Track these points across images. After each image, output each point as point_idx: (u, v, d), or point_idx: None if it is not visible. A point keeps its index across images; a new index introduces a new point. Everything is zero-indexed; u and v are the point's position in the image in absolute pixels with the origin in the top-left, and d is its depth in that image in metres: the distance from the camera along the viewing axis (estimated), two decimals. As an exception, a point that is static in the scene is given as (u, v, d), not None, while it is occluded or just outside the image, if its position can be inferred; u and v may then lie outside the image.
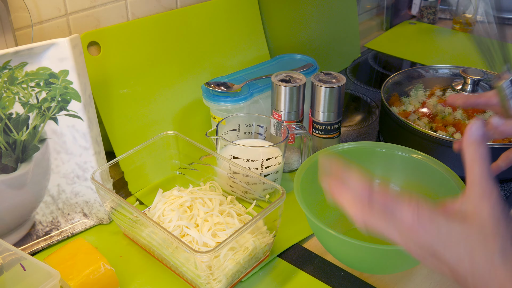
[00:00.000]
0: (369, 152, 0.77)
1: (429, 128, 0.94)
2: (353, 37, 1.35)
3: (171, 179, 0.86)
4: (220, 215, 0.71)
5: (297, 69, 0.95)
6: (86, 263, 0.64)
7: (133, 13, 0.90)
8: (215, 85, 0.88)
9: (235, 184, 0.79)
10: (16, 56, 0.65)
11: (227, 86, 0.89)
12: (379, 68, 1.35)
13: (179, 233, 0.69)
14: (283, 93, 0.84)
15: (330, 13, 1.25)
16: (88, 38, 0.81)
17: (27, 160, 0.70)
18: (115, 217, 0.75)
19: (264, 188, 0.77)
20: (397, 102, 1.02)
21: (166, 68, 0.92)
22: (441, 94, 1.01)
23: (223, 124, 0.84)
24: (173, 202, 0.73)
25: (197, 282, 0.66)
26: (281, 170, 0.83)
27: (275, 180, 0.83)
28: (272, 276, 0.70)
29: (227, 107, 0.87)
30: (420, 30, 1.54)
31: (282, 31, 1.12)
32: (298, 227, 0.78)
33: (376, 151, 0.77)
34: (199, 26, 0.96)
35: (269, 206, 0.66)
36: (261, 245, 0.68)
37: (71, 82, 0.69)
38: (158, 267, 0.72)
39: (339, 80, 0.85)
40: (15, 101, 0.68)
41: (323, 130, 0.88)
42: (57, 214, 0.76)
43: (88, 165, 0.74)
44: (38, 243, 0.74)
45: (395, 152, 0.76)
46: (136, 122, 0.87)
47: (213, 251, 0.60)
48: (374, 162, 0.78)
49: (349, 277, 0.70)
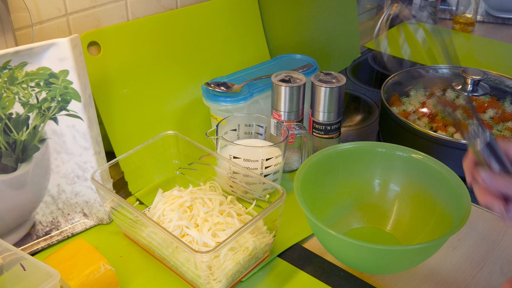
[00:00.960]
0: (369, 152, 0.77)
1: (429, 128, 0.94)
2: (353, 37, 1.35)
3: (171, 179, 0.86)
4: (220, 215, 0.71)
5: (297, 69, 0.95)
6: (86, 263, 0.64)
7: (133, 13, 0.90)
8: (215, 85, 0.88)
9: (235, 184, 0.79)
10: (16, 56, 0.65)
11: (227, 86, 0.89)
12: (379, 68, 1.35)
13: (179, 233, 0.69)
14: (283, 93, 0.84)
15: (330, 13, 1.25)
16: (88, 38, 0.81)
17: (27, 160, 0.70)
18: (115, 217, 0.75)
19: (264, 188, 0.77)
20: (397, 102, 1.02)
21: (166, 68, 0.92)
22: (441, 94, 1.01)
23: (223, 124, 0.84)
24: (173, 202, 0.73)
25: (197, 282, 0.66)
26: (281, 170, 0.84)
27: (275, 180, 0.83)
28: (272, 276, 0.70)
29: (227, 107, 0.87)
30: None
31: (282, 31, 1.12)
32: (298, 227, 0.78)
33: (376, 151, 0.77)
34: (199, 26, 0.96)
35: (269, 206, 0.66)
36: (261, 245, 0.68)
37: (71, 82, 0.69)
38: (158, 267, 0.72)
39: (339, 80, 0.85)
40: (15, 101, 0.68)
41: (323, 130, 0.88)
42: (57, 214, 0.76)
43: (88, 165, 0.74)
44: (38, 243, 0.74)
45: (395, 152, 0.76)
46: (136, 122, 0.87)
47: (213, 251, 0.60)
48: (374, 162, 0.78)
49: (349, 277, 0.70)
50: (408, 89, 1.06)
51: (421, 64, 1.32)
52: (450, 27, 1.55)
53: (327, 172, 0.76)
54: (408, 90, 1.05)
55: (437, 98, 0.87)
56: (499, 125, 0.93)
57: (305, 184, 0.70)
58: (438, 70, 1.09)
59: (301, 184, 0.69)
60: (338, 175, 0.77)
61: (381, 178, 0.78)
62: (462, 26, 1.51)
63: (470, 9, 1.50)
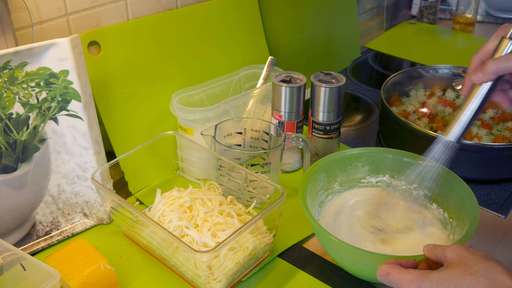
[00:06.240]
0: (375, 157, 0.78)
1: (429, 128, 0.94)
2: (353, 37, 1.35)
3: (171, 179, 0.86)
4: (220, 215, 0.71)
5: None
6: (86, 263, 0.64)
7: (133, 13, 0.90)
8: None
9: (235, 183, 0.79)
10: (16, 56, 0.65)
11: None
12: (379, 68, 1.35)
13: (179, 233, 0.69)
14: (283, 93, 0.84)
15: (330, 13, 1.25)
16: (88, 38, 0.81)
17: (27, 160, 0.71)
18: (115, 217, 0.75)
19: (262, 186, 0.77)
20: (397, 102, 1.02)
21: (166, 68, 0.92)
22: (441, 94, 1.01)
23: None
24: (173, 203, 0.73)
25: (197, 282, 0.66)
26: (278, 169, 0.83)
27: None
28: (272, 276, 0.70)
29: (195, 117, 0.84)
30: (420, 30, 1.54)
31: (282, 31, 1.12)
32: (298, 227, 0.78)
33: (383, 157, 0.78)
34: (199, 26, 0.96)
35: (269, 206, 0.66)
36: (261, 245, 0.68)
37: (71, 82, 0.69)
38: (158, 267, 0.72)
39: (339, 80, 0.85)
40: (15, 101, 0.68)
41: (322, 130, 0.88)
42: (57, 214, 0.76)
43: (88, 165, 0.74)
44: (38, 243, 0.74)
45: (402, 158, 0.77)
46: (136, 122, 0.87)
47: (213, 251, 0.60)
48: (380, 167, 0.79)
49: (349, 277, 0.70)
50: (408, 89, 1.06)
51: (421, 64, 1.32)
52: (450, 27, 1.55)
53: (333, 178, 0.77)
54: (408, 90, 1.05)
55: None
56: (499, 125, 0.93)
57: (309, 194, 0.70)
58: (438, 70, 1.09)
59: (306, 193, 0.70)
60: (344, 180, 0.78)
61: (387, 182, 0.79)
62: (462, 26, 1.51)
63: (470, 9, 1.50)
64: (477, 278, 0.51)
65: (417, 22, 1.59)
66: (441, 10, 1.62)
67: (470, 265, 0.52)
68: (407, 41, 1.47)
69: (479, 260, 0.53)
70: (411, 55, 1.39)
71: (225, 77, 0.94)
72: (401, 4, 1.57)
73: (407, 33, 1.52)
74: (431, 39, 1.49)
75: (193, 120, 0.84)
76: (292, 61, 1.16)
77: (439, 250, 0.57)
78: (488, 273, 0.51)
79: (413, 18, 1.62)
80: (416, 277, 0.54)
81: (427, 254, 0.59)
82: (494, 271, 0.51)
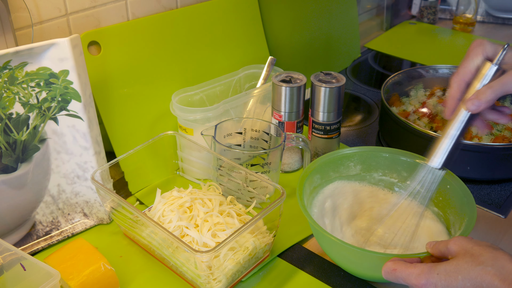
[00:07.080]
0: (372, 156, 0.78)
1: (429, 128, 0.94)
2: (353, 37, 1.35)
3: (171, 179, 0.86)
4: (220, 215, 0.71)
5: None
6: (86, 263, 0.64)
7: (133, 13, 0.90)
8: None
9: (235, 183, 0.79)
10: (16, 56, 0.65)
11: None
12: (379, 68, 1.35)
13: (179, 233, 0.69)
14: (283, 93, 0.84)
15: (330, 13, 1.25)
16: (88, 38, 0.81)
17: (27, 160, 0.71)
18: (115, 217, 0.75)
19: (262, 186, 0.77)
20: (397, 102, 1.02)
21: (166, 68, 0.92)
22: (441, 94, 1.01)
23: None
24: (173, 203, 0.73)
25: (197, 282, 0.66)
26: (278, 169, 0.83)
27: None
28: (272, 276, 0.70)
29: (195, 117, 0.84)
30: (420, 30, 1.54)
31: (282, 31, 1.12)
32: (298, 227, 0.78)
33: (380, 155, 0.78)
34: (199, 26, 0.96)
35: (269, 206, 0.66)
36: (261, 245, 0.68)
37: (71, 82, 0.69)
38: (158, 267, 0.72)
39: (339, 80, 0.85)
40: (15, 101, 0.68)
41: (322, 130, 0.88)
42: (57, 214, 0.76)
43: (88, 165, 0.74)
44: (38, 243, 0.74)
45: (399, 157, 0.77)
46: (136, 122, 0.87)
47: (213, 251, 0.60)
48: (377, 166, 0.78)
49: (349, 277, 0.70)
50: (408, 89, 1.06)
51: (421, 64, 1.32)
52: (450, 27, 1.55)
53: (331, 176, 0.77)
54: (408, 90, 1.05)
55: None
56: (499, 125, 0.93)
57: (307, 193, 0.70)
58: (438, 70, 1.09)
59: (304, 193, 0.70)
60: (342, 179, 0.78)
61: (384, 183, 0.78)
62: (462, 26, 1.51)
63: (470, 9, 1.50)
64: (485, 268, 0.51)
65: (417, 22, 1.59)
66: (441, 10, 1.62)
67: (477, 256, 0.52)
68: (407, 41, 1.47)
69: (485, 250, 0.53)
70: (411, 55, 1.39)
71: (225, 77, 0.94)
72: (401, 4, 1.57)
73: (407, 33, 1.52)
74: (431, 39, 1.49)
75: (193, 120, 0.84)
76: (292, 61, 1.16)
77: (442, 245, 0.57)
78: (495, 262, 0.51)
79: (413, 18, 1.62)
80: (423, 270, 0.54)
81: (431, 251, 0.58)
82: (502, 260, 0.51)
